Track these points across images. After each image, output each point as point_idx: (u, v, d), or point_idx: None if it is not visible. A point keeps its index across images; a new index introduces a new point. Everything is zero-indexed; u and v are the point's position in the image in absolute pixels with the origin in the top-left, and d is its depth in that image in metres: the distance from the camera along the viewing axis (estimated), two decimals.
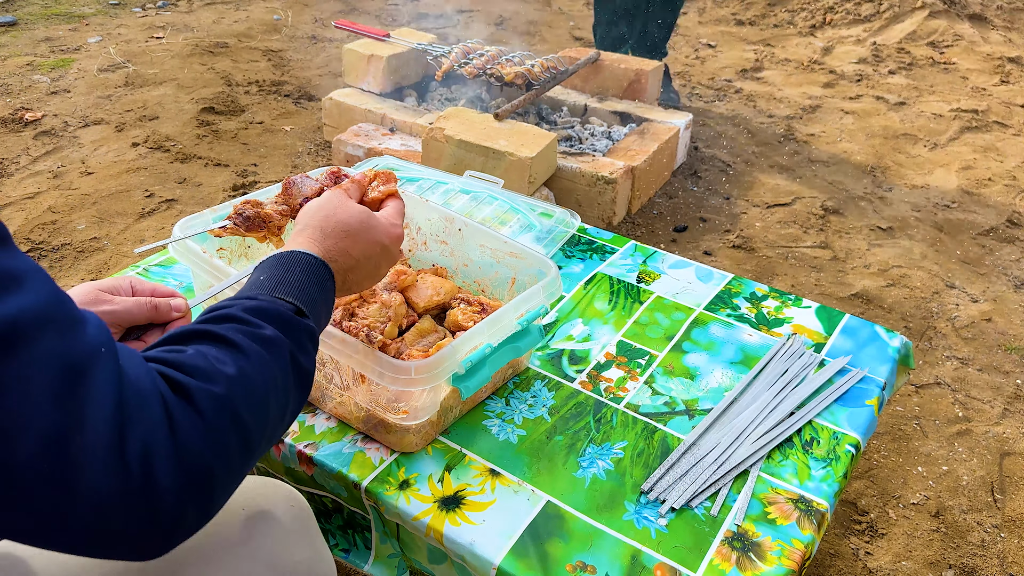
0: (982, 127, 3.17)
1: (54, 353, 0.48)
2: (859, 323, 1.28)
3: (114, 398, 0.50)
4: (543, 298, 1.06)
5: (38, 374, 0.47)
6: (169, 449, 0.52)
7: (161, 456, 0.51)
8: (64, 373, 0.48)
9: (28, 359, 0.46)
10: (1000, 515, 1.54)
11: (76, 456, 0.48)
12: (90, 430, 0.48)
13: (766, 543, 0.91)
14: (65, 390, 0.48)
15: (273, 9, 4.18)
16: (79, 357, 0.49)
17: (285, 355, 0.65)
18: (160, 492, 0.51)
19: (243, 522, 0.76)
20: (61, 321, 0.49)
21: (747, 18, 4.41)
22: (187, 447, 0.53)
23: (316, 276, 0.74)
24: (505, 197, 1.48)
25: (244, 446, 0.59)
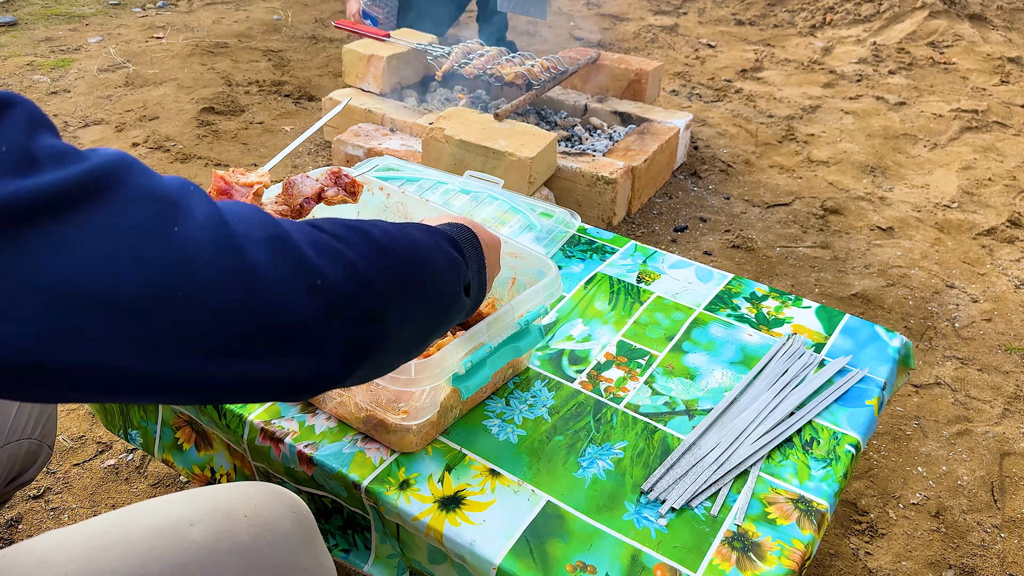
0: (982, 127, 3.17)
1: (146, 188, 0.47)
2: (859, 323, 1.28)
3: (217, 218, 0.48)
4: (543, 298, 1.06)
5: (136, 209, 0.45)
6: (300, 255, 0.50)
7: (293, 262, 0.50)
8: (161, 204, 0.46)
9: (123, 197, 0.45)
10: (1000, 515, 1.54)
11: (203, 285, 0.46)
12: (202, 249, 0.47)
13: (766, 543, 0.91)
14: (166, 219, 0.46)
15: (273, 9, 4.18)
16: (170, 191, 0.48)
17: (417, 228, 0.64)
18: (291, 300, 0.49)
19: (247, 529, 0.76)
20: (143, 167, 0.48)
21: (747, 18, 4.41)
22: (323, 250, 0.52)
23: (464, 232, 0.75)
24: (505, 197, 1.48)
25: (391, 269, 0.57)
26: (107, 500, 1.48)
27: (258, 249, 0.49)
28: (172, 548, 0.73)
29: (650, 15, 4.45)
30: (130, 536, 0.73)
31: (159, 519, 0.74)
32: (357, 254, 0.54)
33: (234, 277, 0.47)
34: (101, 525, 0.74)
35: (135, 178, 0.47)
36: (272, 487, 0.84)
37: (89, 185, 0.44)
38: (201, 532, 0.74)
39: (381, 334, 0.56)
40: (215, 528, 0.74)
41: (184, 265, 0.46)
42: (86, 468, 1.54)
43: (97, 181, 0.45)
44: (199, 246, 0.46)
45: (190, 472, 1.17)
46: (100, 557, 0.71)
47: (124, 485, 1.51)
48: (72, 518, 1.44)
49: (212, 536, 0.74)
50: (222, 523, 0.75)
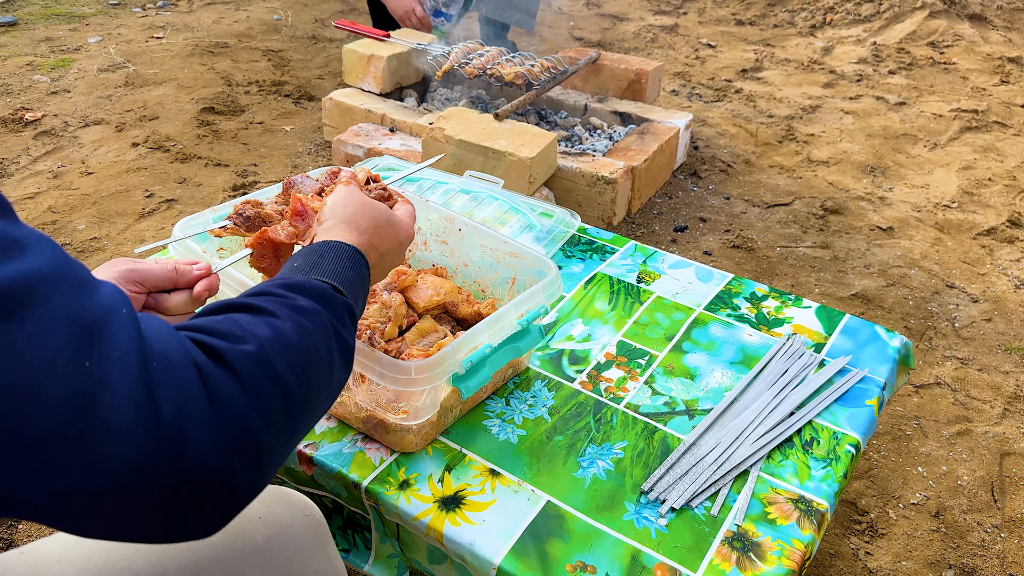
0: (982, 127, 3.17)
1: (66, 313, 0.45)
2: (859, 323, 1.28)
3: (137, 358, 0.46)
4: (543, 298, 1.06)
5: (51, 336, 0.43)
6: (204, 407, 0.48)
7: (196, 415, 0.48)
8: (79, 333, 0.45)
9: (39, 320, 0.43)
10: (1000, 515, 1.54)
11: (103, 421, 0.44)
12: (115, 391, 0.45)
13: (766, 543, 0.91)
14: (82, 351, 0.44)
15: (273, 9, 4.18)
16: (93, 316, 0.46)
17: (324, 323, 0.62)
18: (202, 452, 0.47)
19: (259, 532, 0.76)
20: (71, 281, 0.46)
21: (747, 18, 4.41)
22: (224, 404, 0.49)
23: (351, 261, 0.73)
24: (505, 197, 1.48)
25: (287, 407, 0.55)
26: None
27: (166, 398, 0.47)
28: (187, 548, 0.73)
29: (650, 15, 4.44)
30: None
31: None
32: (257, 406, 0.52)
33: (136, 424, 0.45)
34: None
35: (60, 297, 0.44)
36: (285, 491, 0.83)
37: (8, 298, 0.42)
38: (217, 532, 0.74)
39: (262, 481, 0.54)
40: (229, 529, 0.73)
41: (90, 404, 0.44)
42: None
43: (16, 293, 0.42)
44: (108, 385, 0.45)
45: None
46: (115, 556, 0.71)
47: None
48: None
49: (226, 536, 0.74)
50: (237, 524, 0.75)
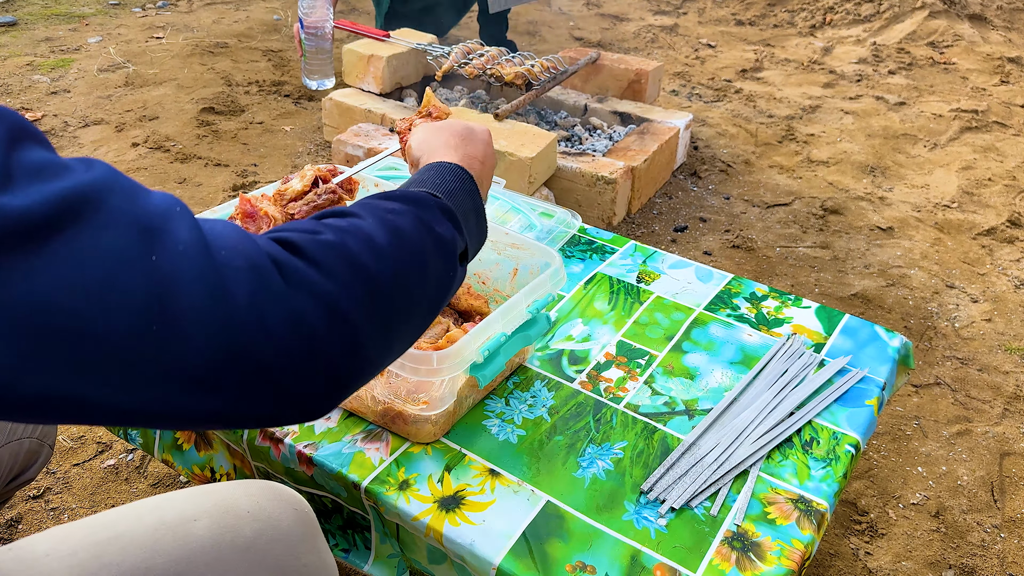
0: (982, 127, 3.17)
1: (125, 214, 0.44)
2: (859, 323, 1.28)
3: (202, 247, 0.46)
4: (550, 287, 1.07)
5: (113, 237, 0.43)
6: (280, 288, 0.47)
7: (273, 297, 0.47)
8: (141, 231, 0.44)
9: (99, 224, 0.43)
10: (1000, 515, 1.54)
11: (178, 313, 0.44)
12: (185, 282, 0.44)
13: (766, 543, 0.91)
14: (147, 247, 0.44)
15: (273, 9, 4.18)
16: (152, 215, 0.45)
17: (412, 218, 0.61)
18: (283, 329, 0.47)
19: (248, 526, 0.76)
20: (124, 187, 0.46)
21: (747, 18, 4.41)
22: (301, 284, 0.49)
23: (453, 175, 0.74)
24: (506, 197, 1.48)
25: (371, 290, 0.53)
26: (107, 500, 1.48)
27: (240, 284, 0.46)
28: (176, 543, 0.73)
29: (650, 15, 4.45)
30: (135, 530, 0.73)
31: (163, 514, 0.75)
32: (338, 285, 0.51)
33: (212, 312, 0.45)
34: (106, 519, 0.75)
35: (116, 200, 0.45)
36: (274, 485, 0.84)
37: (66, 208, 0.42)
38: (205, 527, 0.74)
39: (362, 365, 0.54)
40: (218, 524, 0.74)
41: (160, 297, 0.44)
42: (86, 468, 1.54)
43: (75, 204, 0.43)
44: (177, 277, 0.44)
45: (190, 472, 1.17)
46: (104, 551, 0.71)
47: (124, 485, 1.51)
48: (72, 518, 1.44)
49: (215, 531, 0.74)
50: (225, 519, 0.75)
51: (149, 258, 0.44)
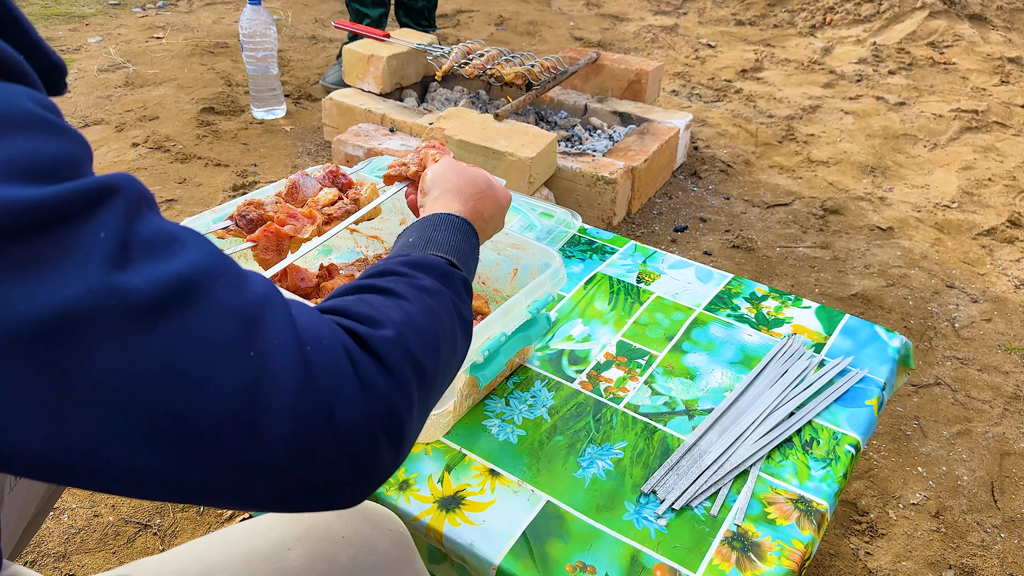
0: (982, 127, 3.17)
1: (229, 306, 0.46)
2: (859, 323, 1.28)
3: (295, 344, 0.48)
4: (550, 287, 1.07)
5: (218, 328, 0.45)
6: (355, 388, 0.50)
7: (348, 396, 0.50)
8: (242, 324, 0.46)
9: (206, 313, 0.45)
10: (1000, 515, 1.54)
11: (267, 407, 0.46)
12: (277, 378, 0.47)
13: (766, 543, 0.91)
14: (247, 342, 0.46)
15: (273, 9, 4.18)
16: (252, 307, 0.48)
17: (446, 302, 0.64)
18: (354, 431, 0.49)
19: (345, 551, 0.75)
20: (229, 275, 0.48)
21: (747, 18, 4.41)
22: (371, 385, 0.51)
23: (462, 233, 0.75)
24: None
25: (422, 387, 0.57)
26: (107, 500, 1.48)
27: (323, 377, 0.49)
28: (272, 573, 0.72)
29: (650, 15, 4.44)
30: (229, 561, 0.72)
31: (256, 543, 0.73)
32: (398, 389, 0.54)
33: (296, 408, 0.47)
34: (194, 551, 0.73)
35: (220, 290, 0.46)
36: (367, 506, 0.82)
37: (174, 293, 0.44)
38: (299, 556, 0.73)
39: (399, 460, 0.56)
40: (313, 551, 0.73)
41: (253, 389, 0.46)
42: None
43: (184, 289, 0.44)
44: (271, 372, 0.46)
45: None
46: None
47: None
48: (72, 518, 1.44)
49: (311, 560, 0.73)
50: (319, 545, 0.74)
51: (248, 353, 0.46)
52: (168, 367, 0.43)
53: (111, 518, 1.45)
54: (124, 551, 1.39)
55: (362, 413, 0.50)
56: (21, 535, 1.00)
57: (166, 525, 1.43)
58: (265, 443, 0.46)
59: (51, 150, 0.43)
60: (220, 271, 0.47)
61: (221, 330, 0.45)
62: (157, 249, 0.45)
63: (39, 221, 0.40)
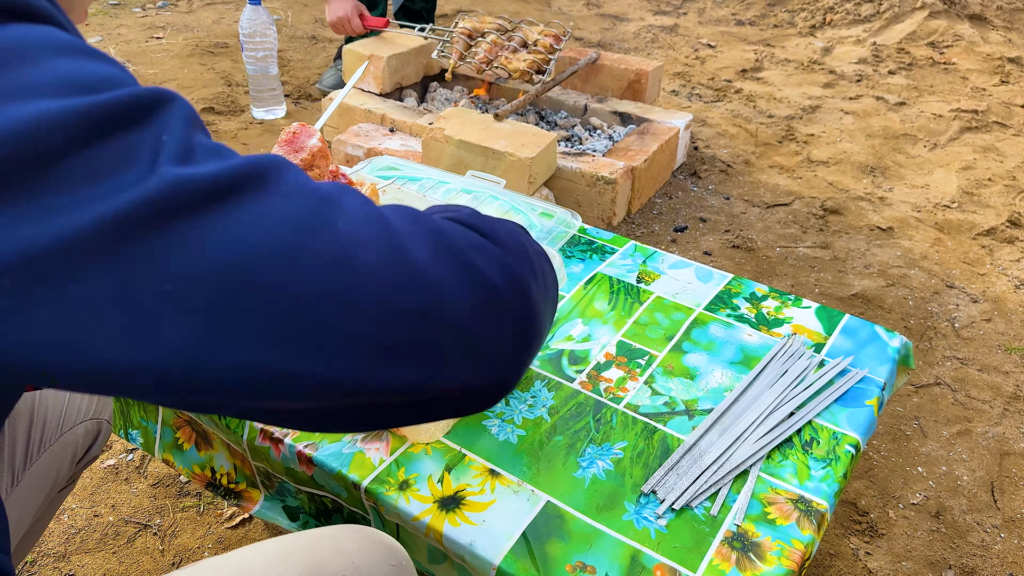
0: (982, 127, 3.17)
1: (303, 185, 0.45)
2: (859, 323, 1.28)
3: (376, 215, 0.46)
4: None
5: (299, 203, 0.43)
6: (458, 250, 0.47)
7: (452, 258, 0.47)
8: (321, 200, 0.45)
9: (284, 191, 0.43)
10: (1000, 515, 1.54)
11: (364, 272, 0.43)
12: (368, 244, 0.44)
13: (766, 543, 0.91)
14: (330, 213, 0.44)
15: (273, 9, 4.18)
16: (327, 188, 0.46)
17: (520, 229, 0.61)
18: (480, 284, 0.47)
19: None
20: (296, 167, 0.46)
21: (747, 18, 4.41)
22: (475, 246, 0.49)
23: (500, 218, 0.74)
24: (506, 197, 1.48)
25: (531, 261, 0.53)
26: (107, 500, 1.48)
27: (419, 246, 0.46)
28: None
29: (650, 15, 4.45)
30: None
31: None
32: (505, 248, 0.51)
33: (400, 274, 0.45)
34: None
35: (291, 175, 0.45)
36: (367, 533, 0.79)
37: (246, 177, 0.42)
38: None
39: (537, 327, 0.52)
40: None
41: (349, 261, 0.43)
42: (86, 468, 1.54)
43: (254, 174, 0.43)
44: (363, 242, 0.44)
45: (190, 472, 1.17)
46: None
47: (124, 485, 1.51)
48: (72, 518, 1.44)
49: None
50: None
51: (335, 223, 0.44)
52: (258, 245, 0.41)
53: (111, 518, 1.45)
54: (124, 551, 1.39)
55: (470, 267, 0.47)
56: (22, 539, 1.00)
57: (166, 525, 1.43)
58: (374, 316, 0.43)
59: (100, 68, 0.42)
60: (287, 163, 0.46)
61: (303, 206, 0.43)
62: (221, 152, 0.43)
63: (102, 126, 0.40)
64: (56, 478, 1.03)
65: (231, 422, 1.05)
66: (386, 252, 0.44)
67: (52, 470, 1.01)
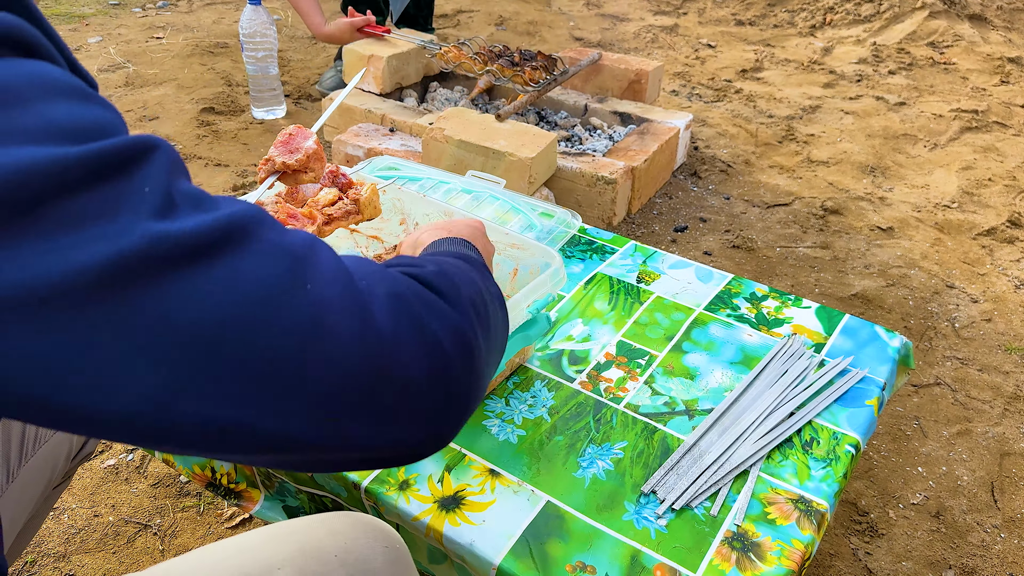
0: (982, 127, 3.17)
1: (278, 244, 0.46)
2: (859, 323, 1.28)
3: (346, 275, 0.48)
4: (550, 287, 1.07)
5: (271, 265, 0.45)
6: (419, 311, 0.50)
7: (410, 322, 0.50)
8: (293, 260, 0.46)
9: (256, 252, 0.45)
10: (1000, 515, 1.54)
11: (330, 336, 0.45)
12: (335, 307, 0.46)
13: (766, 543, 0.91)
14: (301, 275, 0.46)
15: (273, 9, 4.18)
16: (298, 245, 0.48)
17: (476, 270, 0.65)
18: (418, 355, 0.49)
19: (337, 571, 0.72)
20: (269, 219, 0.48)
21: (747, 18, 4.41)
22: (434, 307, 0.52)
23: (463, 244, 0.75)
24: (506, 197, 1.48)
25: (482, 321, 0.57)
26: (107, 500, 1.48)
27: (381, 308, 0.49)
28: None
29: (650, 15, 4.44)
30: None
31: (246, 562, 0.72)
32: (461, 312, 0.54)
33: (364, 339, 0.47)
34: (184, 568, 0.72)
35: (266, 232, 0.46)
36: (361, 518, 0.80)
37: (224, 234, 0.44)
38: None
39: (479, 388, 0.56)
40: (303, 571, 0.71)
41: (317, 325, 0.45)
42: (86, 468, 1.54)
43: (232, 231, 0.44)
44: (330, 306, 0.46)
45: (190, 472, 1.17)
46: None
47: (124, 485, 1.51)
48: (72, 518, 1.44)
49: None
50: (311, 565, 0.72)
51: (304, 286, 0.46)
52: (230, 305, 0.43)
53: (111, 518, 1.45)
54: (124, 551, 1.39)
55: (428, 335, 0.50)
56: (16, 538, 1.00)
57: (166, 525, 1.43)
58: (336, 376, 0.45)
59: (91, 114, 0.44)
60: (263, 217, 0.47)
61: (276, 266, 0.45)
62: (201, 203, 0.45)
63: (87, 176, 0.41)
64: (51, 475, 1.03)
65: None
66: (351, 315, 0.47)
67: (47, 466, 1.02)
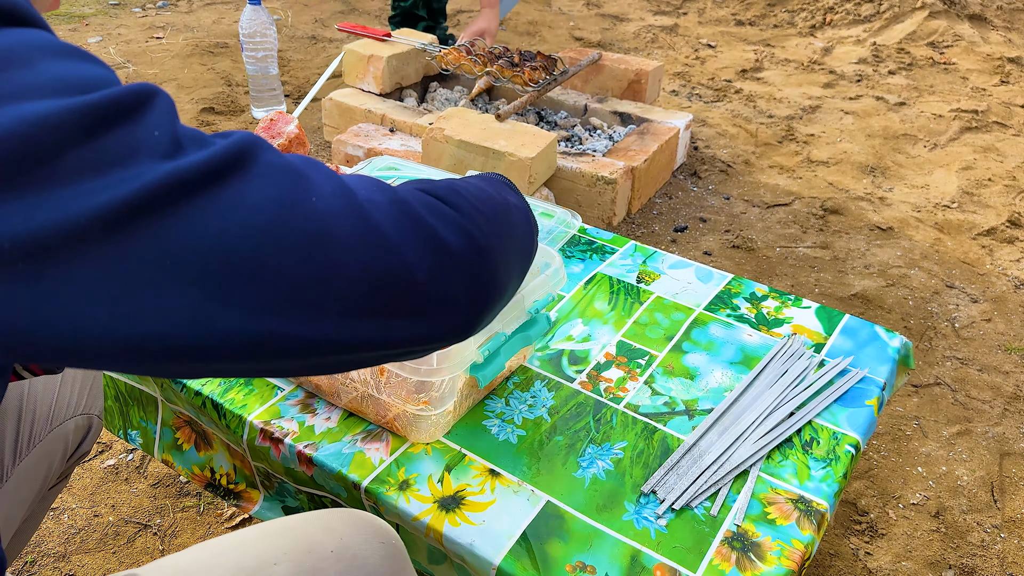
0: (982, 127, 3.17)
1: (279, 164, 0.50)
2: (859, 323, 1.28)
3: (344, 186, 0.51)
4: (550, 287, 1.07)
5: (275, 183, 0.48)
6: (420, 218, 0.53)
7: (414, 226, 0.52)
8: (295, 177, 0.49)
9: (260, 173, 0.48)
10: (1000, 515, 1.54)
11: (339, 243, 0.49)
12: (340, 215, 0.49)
13: (766, 543, 0.91)
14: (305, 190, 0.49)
15: (273, 9, 4.18)
16: (300, 164, 0.51)
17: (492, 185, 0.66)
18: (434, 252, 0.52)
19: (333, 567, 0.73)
20: (269, 145, 0.51)
21: (747, 18, 4.41)
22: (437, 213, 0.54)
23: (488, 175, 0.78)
24: None
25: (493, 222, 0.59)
26: (107, 500, 1.48)
27: (383, 214, 0.52)
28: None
29: (650, 15, 4.44)
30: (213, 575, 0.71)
31: (240, 558, 0.72)
32: (465, 214, 0.57)
33: (368, 243, 0.50)
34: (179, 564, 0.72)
35: (266, 154, 0.49)
36: (357, 514, 0.80)
37: (228, 162, 0.47)
38: (285, 572, 0.71)
39: (496, 285, 0.58)
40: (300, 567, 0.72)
41: (323, 233, 0.48)
42: (86, 468, 1.54)
43: (234, 158, 0.47)
44: (334, 215, 0.49)
45: (190, 472, 1.17)
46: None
47: (124, 485, 1.51)
48: (72, 518, 1.44)
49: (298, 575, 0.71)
50: (307, 561, 0.72)
51: (310, 199, 0.49)
52: (239, 226, 0.46)
53: (111, 518, 1.45)
54: (124, 551, 1.39)
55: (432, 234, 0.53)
56: (13, 538, 1.00)
57: (166, 525, 1.43)
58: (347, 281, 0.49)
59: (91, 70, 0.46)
60: (261, 142, 0.50)
61: (280, 185, 0.48)
62: (203, 141, 0.48)
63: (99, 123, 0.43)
64: (47, 474, 1.03)
65: (231, 422, 1.05)
66: (355, 223, 0.50)
67: (42, 466, 1.02)
